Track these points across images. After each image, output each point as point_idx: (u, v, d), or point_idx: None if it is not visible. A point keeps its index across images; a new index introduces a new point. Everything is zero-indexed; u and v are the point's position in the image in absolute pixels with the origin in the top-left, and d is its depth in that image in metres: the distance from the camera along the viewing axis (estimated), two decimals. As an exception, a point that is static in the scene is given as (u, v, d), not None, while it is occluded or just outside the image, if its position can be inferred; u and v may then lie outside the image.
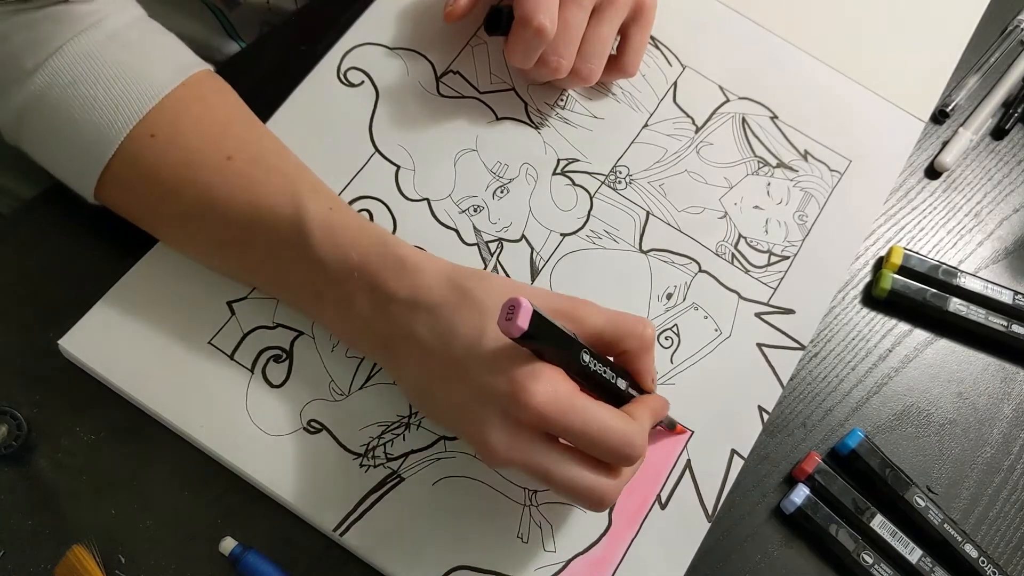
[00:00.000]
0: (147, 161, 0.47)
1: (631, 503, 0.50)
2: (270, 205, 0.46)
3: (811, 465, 0.52)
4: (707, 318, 0.55)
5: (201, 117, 0.48)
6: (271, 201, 0.47)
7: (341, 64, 0.57)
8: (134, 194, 0.48)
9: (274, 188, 0.47)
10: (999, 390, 0.57)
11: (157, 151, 0.47)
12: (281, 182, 0.47)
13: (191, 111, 0.48)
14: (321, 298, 0.47)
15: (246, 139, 0.49)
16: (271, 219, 0.46)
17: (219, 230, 0.48)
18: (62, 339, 0.48)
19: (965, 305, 0.57)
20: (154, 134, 0.47)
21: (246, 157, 0.48)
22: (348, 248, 0.46)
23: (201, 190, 0.47)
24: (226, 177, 0.47)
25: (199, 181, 0.47)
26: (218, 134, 0.48)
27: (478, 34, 0.59)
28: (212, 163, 0.47)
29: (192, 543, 0.46)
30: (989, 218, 0.62)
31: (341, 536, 0.47)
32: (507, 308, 0.38)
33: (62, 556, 0.45)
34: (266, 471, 0.47)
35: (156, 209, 0.49)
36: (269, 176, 0.47)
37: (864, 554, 0.50)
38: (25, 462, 0.47)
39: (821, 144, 0.60)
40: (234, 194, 0.47)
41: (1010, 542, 0.53)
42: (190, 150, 0.47)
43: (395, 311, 0.45)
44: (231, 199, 0.47)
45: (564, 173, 0.57)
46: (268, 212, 0.46)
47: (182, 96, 0.48)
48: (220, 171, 0.47)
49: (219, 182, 0.47)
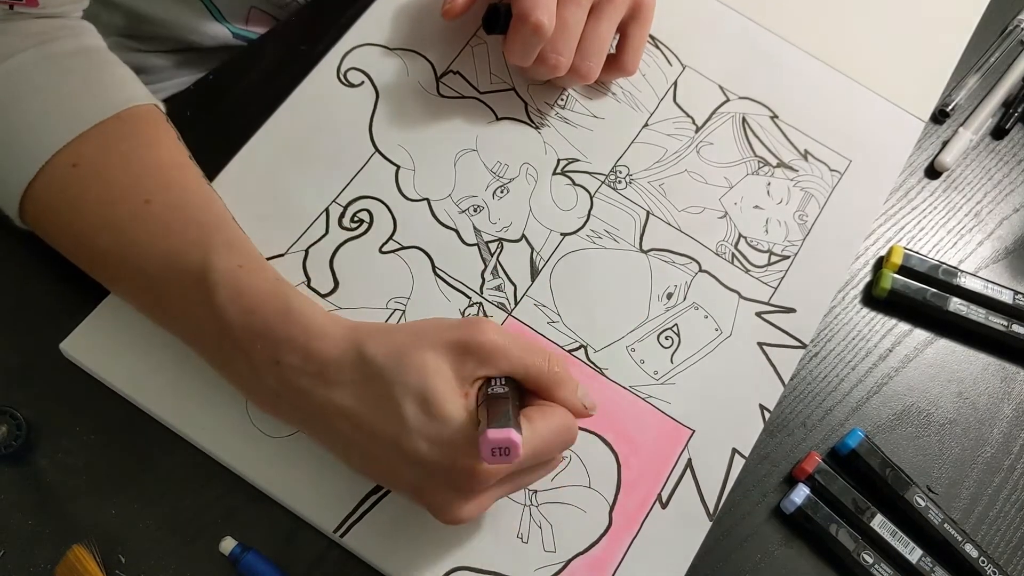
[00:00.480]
0: (69, 192, 0.45)
1: (632, 502, 0.50)
2: (181, 256, 0.44)
3: (811, 465, 0.52)
4: (707, 318, 0.55)
5: (128, 153, 0.46)
6: (183, 252, 0.44)
7: (341, 64, 0.57)
8: (56, 226, 0.47)
9: (188, 240, 0.44)
10: (999, 390, 0.57)
11: (79, 182, 0.45)
12: (196, 233, 0.45)
13: (119, 146, 0.46)
14: (232, 364, 0.45)
15: (169, 184, 0.46)
16: (183, 274, 0.44)
17: (135, 278, 0.45)
18: (63, 343, 0.48)
19: (965, 305, 0.57)
20: (75, 164, 0.45)
21: (165, 202, 0.45)
22: (252, 313, 0.43)
23: (117, 231, 0.45)
24: (141, 223, 0.45)
25: (117, 222, 0.45)
26: (141, 174, 0.46)
27: (478, 34, 0.59)
28: (130, 204, 0.45)
29: (192, 543, 0.46)
30: (989, 218, 0.62)
31: (341, 537, 0.47)
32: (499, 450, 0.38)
33: (62, 556, 0.45)
34: (266, 472, 0.47)
35: (78, 243, 0.47)
36: (185, 226, 0.45)
37: (864, 554, 0.50)
38: (25, 462, 0.47)
39: (821, 144, 0.60)
40: (150, 241, 0.44)
41: (1010, 542, 0.53)
42: (111, 185, 0.45)
43: (306, 386, 0.43)
44: (146, 246, 0.45)
45: (564, 173, 0.57)
46: (179, 264, 0.44)
47: (114, 128, 0.46)
48: (135, 216, 0.45)
49: (133, 227, 0.45)
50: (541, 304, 0.53)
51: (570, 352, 0.52)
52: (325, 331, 0.43)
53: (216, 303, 0.43)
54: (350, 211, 0.54)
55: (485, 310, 0.53)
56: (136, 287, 0.46)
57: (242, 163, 0.54)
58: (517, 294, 0.53)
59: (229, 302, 0.43)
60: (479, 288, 0.53)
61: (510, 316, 0.53)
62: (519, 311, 0.53)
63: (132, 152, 0.46)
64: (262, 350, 0.43)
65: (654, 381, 0.53)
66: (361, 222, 0.54)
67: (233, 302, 0.43)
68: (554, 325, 0.53)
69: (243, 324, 0.43)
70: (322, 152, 0.55)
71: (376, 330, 0.44)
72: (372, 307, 0.52)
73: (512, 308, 0.53)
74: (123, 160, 0.46)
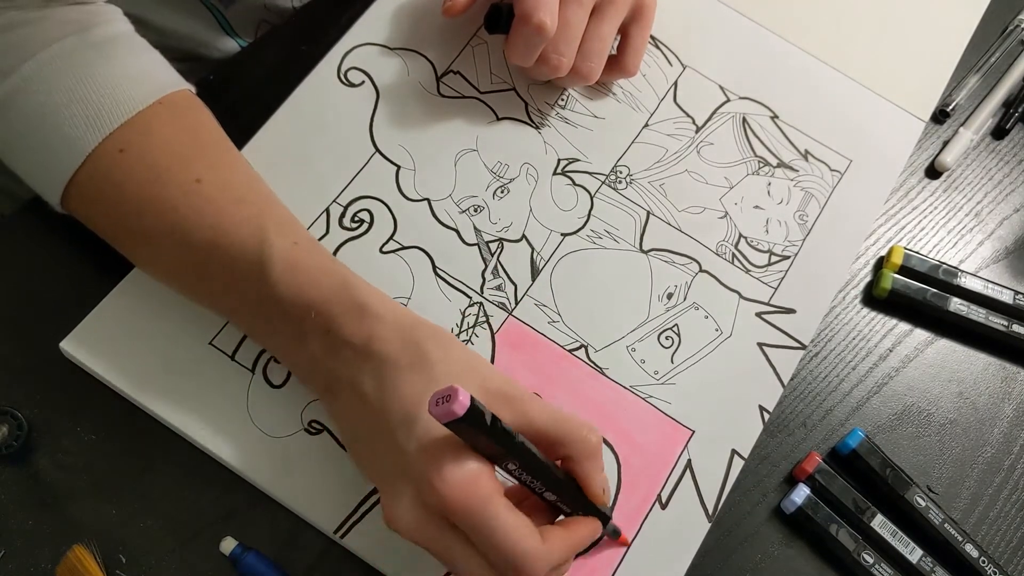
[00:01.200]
0: (114, 176, 0.46)
1: (631, 503, 0.50)
2: (234, 234, 0.45)
3: (811, 465, 0.52)
4: (708, 318, 0.55)
5: (173, 137, 0.47)
6: (235, 230, 0.45)
7: (341, 64, 0.57)
8: (99, 208, 0.47)
9: (240, 217, 0.46)
10: (999, 390, 0.57)
11: (125, 167, 0.46)
12: (248, 212, 0.46)
13: (163, 130, 0.47)
14: (274, 328, 0.46)
15: (217, 164, 0.48)
16: (233, 249, 0.45)
17: (180, 253, 0.46)
18: (64, 341, 0.48)
19: (965, 305, 0.57)
20: (123, 149, 0.46)
21: (215, 182, 0.46)
22: (308, 287, 0.44)
23: (166, 210, 0.46)
24: (192, 200, 0.46)
25: (165, 201, 0.46)
26: (189, 156, 0.47)
27: (478, 34, 0.59)
28: (180, 184, 0.46)
29: (193, 543, 0.46)
30: (989, 218, 0.62)
31: (341, 538, 0.47)
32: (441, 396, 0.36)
33: (63, 556, 0.45)
34: (267, 472, 0.47)
35: (120, 224, 0.48)
36: (236, 205, 0.46)
37: (865, 554, 0.50)
38: (26, 462, 0.47)
39: (821, 144, 0.60)
40: (199, 218, 0.45)
41: (1011, 542, 0.53)
42: (159, 169, 0.46)
43: (345, 356, 0.44)
44: (195, 223, 0.45)
45: (564, 173, 0.57)
46: (231, 241, 0.45)
47: (156, 114, 0.47)
48: (186, 193, 0.46)
49: (184, 204, 0.46)
50: (541, 304, 0.53)
51: (570, 352, 0.52)
52: (383, 308, 0.44)
53: (271, 279, 0.44)
54: (351, 211, 0.54)
55: (486, 309, 0.53)
56: (179, 264, 0.47)
57: (242, 163, 0.54)
58: (517, 294, 0.53)
59: (285, 277, 0.44)
60: (479, 288, 0.53)
61: (510, 316, 0.53)
62: (519, 311, 0.53)
63: (176, 136, 0.47)
64: (315, 319, 0.44)
65: (654, 381, 0.53)
66: (362, 222, 0.54)
67: (289, 277, 0.44)
68: (554, 325, 0.53)
69: (297, 296, 0.44)
70: (322, 152, 0.55)
71: (437, 330, 0.45)
72: (372, 307, 0.52)
73: (512, 308, 0.53)
74: (168, 144, 0.47)
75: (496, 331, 0.52)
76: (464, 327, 0.52)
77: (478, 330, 0.52)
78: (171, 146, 0.47)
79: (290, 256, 0.45)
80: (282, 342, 0.46)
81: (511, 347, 0.52)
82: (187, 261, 0.46)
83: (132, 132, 0.46)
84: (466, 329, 0.52)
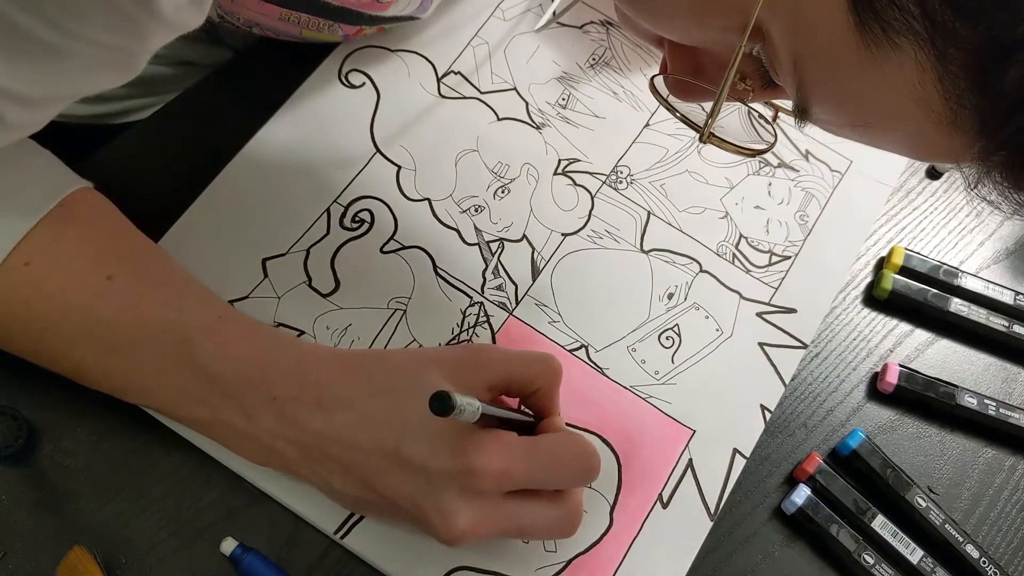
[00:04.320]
0: (23, 292, 0.43)
1: (632, 502, 0.50)
2: (156, 320, 0.43)
3: (812, 465, 0.52)
4: (708, 318, 0.55)
5: (79, 237, 0.44)
6: (157, 315, 0.44)
7: (342, 65, 0.57)
8: (12, 328, 0.44)
9: (159, 303, 0.44)
10: (1000, 390, 0.57)
11: (34, 280, 0.43)
12: (166, 296, 0.44)
13: (67, 233, 0.44)
14: (222, 418, 0.44)
15: (128, 255, 0.45)
16: (158, 335, 0.43)
17: (106, 354, 0.44)
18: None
19: (966, 305, 0.57)
20: (28, 262, 0.43)
21: (128, 273, 0.44)
22: (240, 359, 0.43)
23: (83, 315, 0.43)
24: (108, 298, 0.43)
25: (80, 305, 0.43)
26: (98, 253, 0.44)
27: (479, 34, 0.59)
28: (92, 285, 0.43)
29: (193, 544, 0.46)
30: (990, 218, 0.62)
31: (342, 538, 0.47)
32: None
33: (63, 557, 0.45)
34: (267, 472, 0.47)
35: (39, 340, 0.44)
36: (153, 291, 0.44)
37: (865, 555, 0.50)
38: (26, 462, 0.47)
39: (822, 144, 0.60)
40: (118, 314, 0.43)
41: (1011, 543, 0.53)
42: (69, 274, 0.43)
43: (303, 417, 0.43)
44: (115, 320, 0.43)
45: (565, 173, 0.57)
46: (154, 329, 0.43)
47: (58, 218, 0.44)
48: (101, 292, 0.43)
49: (101, 304, 0.43)
50: (542, 304, 0.53)
51: (571, 352, 0.52)
52: (318, 357, 0.44)
53: (201, 359, 0.43)
54: (351, 211, 0.54)
55: (486, 309, 0.53)
56: (107, 367, 0.45)
57: (244, 163, 0.53)
58: (518, 294, 0.53)
59: (216, 354, 0.43)
60: (480, 288, 0.53)
61: (511, 316, 0.53)
62: (520, 311, 0.53)
63: (82, 235, 0.45)
64: (256, 391, 0.43)
65: (655, 381, 0.53)
66: (362, 222, 0.54)
67: (220, 353, 0.43)
68: (555, 325, 0.53)
69: (233, 372, 0.43)
70: (323, 152, 0.55)
71: (374, 352, 0.44)
72: (373, 307, 0.52)
73: (513, 308, 0.53)
74: (75, 245, 0.44)
75: (497, 331, 0.52)
76: (464, 327, 0.52)
77: (478, 330, 0.52)
78: (79, 246, 0.44)
79: (217, 331, 0.44)
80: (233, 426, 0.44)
81: (512, 347, 0.52)
82: (114, 364, 0.44)
83: (36, 241, 0.43)
84: (467, 329, 0.52)
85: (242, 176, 0.53)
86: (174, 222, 0.52)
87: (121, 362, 0.44)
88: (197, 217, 0.52)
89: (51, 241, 0.43)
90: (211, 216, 0.52)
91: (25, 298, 0.43)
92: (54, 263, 0.43)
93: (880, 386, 0.55)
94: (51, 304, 0.43)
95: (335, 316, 0.51)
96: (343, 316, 0.51)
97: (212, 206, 0.52)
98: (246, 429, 0.44)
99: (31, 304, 0.43)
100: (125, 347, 0.44)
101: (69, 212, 0.44)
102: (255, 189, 0.53)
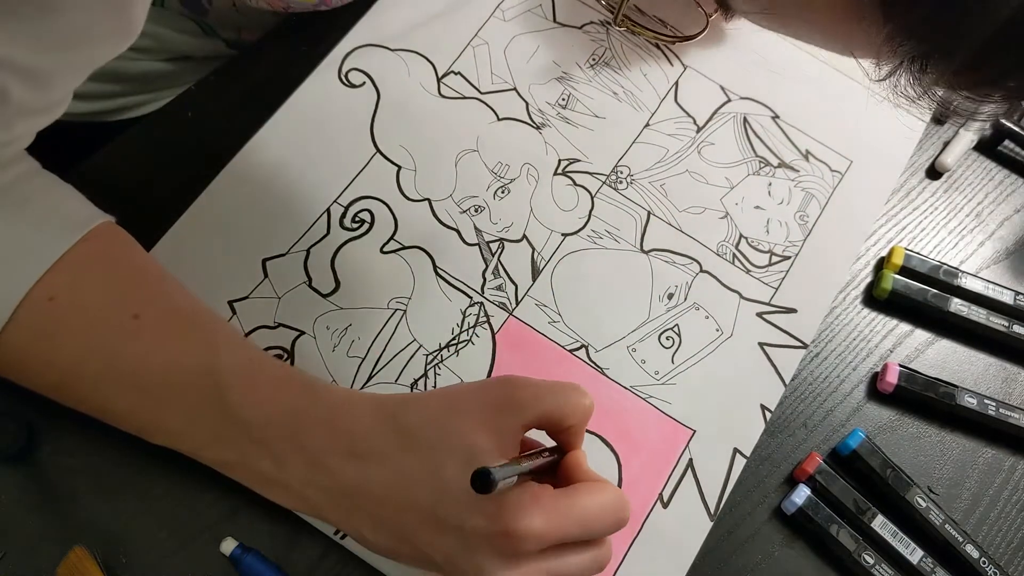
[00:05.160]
0: (48, 327, 0.42)
1: (633, 502, 0.49)
2: (183, 364, 0.42)
3: (812, 466, 0.52)
4: (708, 318, 0.55)
5: (104, 274, 0.43)
6: (184, 359, 0.42)
7: (342, 65, 0.57)
8: (35, 364, 0.43)
9: (188, 345, 0.43)
10: (1000, 390, 0.57)
11: (57, 315, 0.42)
12: (195, 337, 0.43)
13: (93, 269, 0.43)
14: (252, 462, 0.43)
15: (155, 294, 0.44)
16: (185, 379, 0.42)
17: (131, 395, 0.43)
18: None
19: (966, 305, 0.57)
20: (53, 297, 0.41)
21: (155, 314, 0.43)
22: (270, 403, 0.42)
23: (108, 355, 0.42)
24: (134, 338, 0.42)
25: (105, 344, 0.42)
26: (123, 291, 0.43)
27: (479, 34, 0.59)
28: (118, 324, 0.42)
29: (193, 544, 0.46)
30: (990, 218, 0.62)
31: (342, 539, 0.47)
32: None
33: (63, 557, 0.45)
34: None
35: (62, 377, 0.43)
36: (182, 332, 0.43)
37: (865, 555, 0.50)
38: (26, 463, 0.47)
39: (822, 144, 0.60)
40: (144, 355, 0.42)
41: (1011, 543, 0.53)
42: (92, 311, 0.42)
43: (334, 466, 0.41)
44: (141, 361, 0.42)
45: (565, 173, 0.57)
46: (181, 371, 0.42)
47: (83, 253, 0.43)
48: (127, 332, 0.42)
49: (127, 344, 0.42)
50: (542, 304, 0.53)
51: (571, 352, 0.52)
52: (351, 404, 0.42)
53: (230, 401, 0.42)
54: (351, 211, 0.54)
55: (486, 309, 0.53)
56: (133, 407, 0.44)
57: (244, 163, 0.54)
58: (518, 294, 0.53)
59: (246, 399, 0.42)
60: (480, 288, 0.53)
61: (511, 316, 0.53)
62: (520, 311, 0.53)
63: (108, 272, 0.44)
64: (286, 438, 0.42)
65: (655, 381, 0.53)
66: (362, 222, 0.54)
67: (248, 397, 0.42)
68: (555, 325, 0.53)
69: (263, 417, 0.42)
70: (323, 152, 0.55)
71: (406, 399, 0.42)
72: (373, 307, 0.52)
73: (513, 308, 0.53)
74: (101, 282, 0.43)
75: (497, 331, 0.52)
76: (465, 327, 0.52)
77: (479, 330, 0.52)
78: (104, 283, 0.43)
79: (247, 374, 0.42)
80: (263, 472, 0.43)
81: (512, 347, 0.52)
82: (140, 405, 0.43)
83: (60, 276, 0.42)
84: (467, 329, 0.52)
85: (242, 176, 0.53)
86: (174, 222, 0.52)
87: (148, 403, 0.43)
88: (197, 217, 0.52)
89: (76, 276, 0.42)
90: (211, 216, 0.52)
91: (50, 333, 0.42)
92: (79, 299, 0.42)
93: (880, 386, 0.55)
94: (75, 342, 0.42)
95: (335, 316, 0.51)
96: (343, 316, 0.51)
97: (212, 206, 0.52)
98: (276, 476, 0.43)
99: (56, 339, 0.42)
100: (152, 389, 0.43)
101: (93, 246, 0.43)
102: (255, 189, 0.53)
